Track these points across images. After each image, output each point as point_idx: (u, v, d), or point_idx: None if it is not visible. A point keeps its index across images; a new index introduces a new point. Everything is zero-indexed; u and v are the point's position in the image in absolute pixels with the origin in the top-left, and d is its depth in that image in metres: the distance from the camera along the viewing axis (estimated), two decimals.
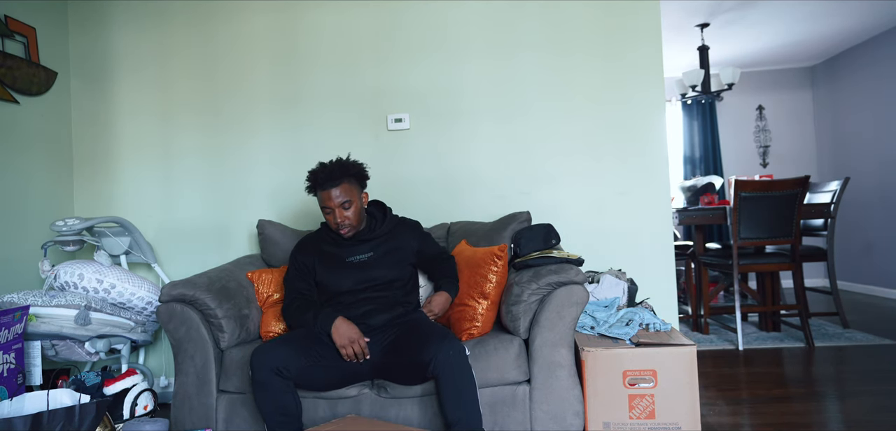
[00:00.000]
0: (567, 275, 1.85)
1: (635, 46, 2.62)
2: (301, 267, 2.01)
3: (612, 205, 2.63)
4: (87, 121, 2.88)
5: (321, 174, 1.90)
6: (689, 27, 4.54)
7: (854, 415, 2.22)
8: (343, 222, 1.91)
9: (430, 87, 2.71)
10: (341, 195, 1.89)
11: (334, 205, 1.89)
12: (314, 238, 2.07)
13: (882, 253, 4.96)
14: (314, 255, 2.01)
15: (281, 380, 1.69)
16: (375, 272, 1.96)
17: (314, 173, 1.93)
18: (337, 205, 1.89)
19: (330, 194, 1.89)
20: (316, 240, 2.05)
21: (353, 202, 1.92)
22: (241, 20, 2.81)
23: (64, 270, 2.21)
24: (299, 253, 2.04)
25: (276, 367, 1.68)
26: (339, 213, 1.90)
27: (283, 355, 1.71)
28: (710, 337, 3.60)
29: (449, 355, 1.65)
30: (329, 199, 1.89)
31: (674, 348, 1.84)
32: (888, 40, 4.84)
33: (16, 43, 2.58)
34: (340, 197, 1.89)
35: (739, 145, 5.89)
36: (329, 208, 1.90)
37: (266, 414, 1.71)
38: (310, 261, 2.00)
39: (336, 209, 1.90)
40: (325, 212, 1.93)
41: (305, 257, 2.01)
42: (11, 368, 1.94)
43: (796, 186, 3.23)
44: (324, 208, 1.92)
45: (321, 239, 2.05)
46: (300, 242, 2.09)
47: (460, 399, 1.66)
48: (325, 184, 1.89)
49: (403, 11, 2.73)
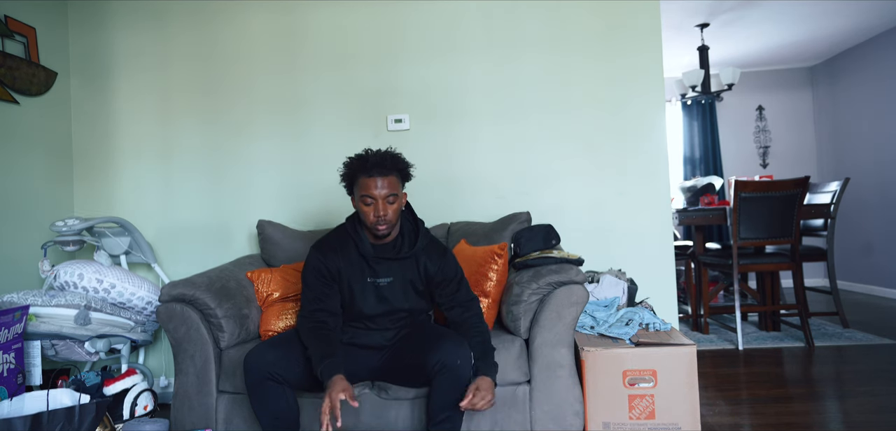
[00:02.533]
0: (567, 275, 1.85)
1: (635, 47, 2.62)
2: (324, 271, 1.79)
3: (612, 205, 2.63)
4: (87, 121, 2.88)
5: (372, 159, 1.70)
6: (689, 27, 4.54)
7: (854, 415, 2.22)
8: (384, 216, 1.71)
9: (430, 87, 2.71)
10: (388, 187, 1.70)
11: (379, 195, 1.69)
12: (338, 242, 1.83)
13: (882, 253, 4.96)
14: (340, 260, 1.80)
15: (275, 384, 1.65)
16: (394, 301, 1.81)
17: (362, 157, 1.72)
18: (382, 197, 1.70)
19: (376, 182, 1.69)
20: (341, 244, 1.82)
21: (397, 198, 1.74)
22: (242, 20, 2.81)
23: (64, 270, 2.21)
24: (322, 255, 1.80)
25: (268, 372, 1.64)
26: (383, 206, 1.70)
27: (276, 358, 1.66)
28: (710, 336, 3.60)
29: (457, 363, 1.62)
30: (374, 188, 1.69)
31: (674, 348, 1.84)
32: (888, 40, 4.84)
33: (16, 43, 2.58)
34: (386, 189, 1.70)
35: (739, 145, 5.89)
36: (371, 199, 1.70)
37: (260, 418, 1.69)
38: (334, 266, 1.79)
39: (380, 201, 1.70)
40: (364, 203, 1.72)
41: (329, 261, 1.79)
42: (11, 368, 1.94)
43: (796, 186, 3.23)
44: (364, 197, 1.71)
45: (346, 243, 1.82)
46: (322, 243, 1.84)
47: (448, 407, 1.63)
48: (373, 171, 1.69)
49: (403, 11, 2.73)
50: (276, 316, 2.09)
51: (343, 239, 1.83)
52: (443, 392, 1.63)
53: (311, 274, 1.80)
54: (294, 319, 2.09)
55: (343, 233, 1.84)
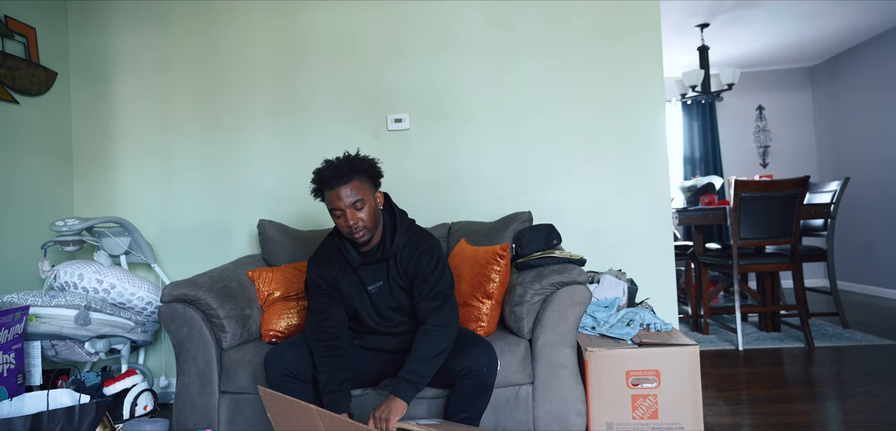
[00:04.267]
0: (570, 275, 1.85)
1: (635, 47, 2.62)
2: (323, 285, 1.76)
3: (612, 205, 2.63)
4: (87, 121, 2.87)
5: (327, 172, 1.64)
6: (689, 27, 4.54)
7: (854, 415, 2.22)
8: (357, 224, 1.63)
9: (430, 87, 2.71)
10: (352, 194, 1.62)
11: (344, 206, 1.62)
12: (331, 253, 1.79)
13: (882, 253, 4.97)
14: (336, 271, 1.77)
15: (296, 382, 1.69)
16: (385, 306, 1.77)
17: (319, 172, 1.66)
18: (348, 206, 1.62)
19: (339, 193, 1.62)
20: (333, 255, 1.78)
21: (366, 201, 1.64)
22: (242, 20, 2.80)
23: (64, 270, 2.20)
24: (319, 268, 1.77)
25: (288, 370, 1.68)
26: (352, 215, 1.63)
27: (295, 357, 1.70)
28: (710, 337, 3.60)
29: (483, 370, 1.63)
30: (338, 200, 1.62)
31: (676, 348, 1.84)
32: (888, 40, 4.85)
33: (16, 43, 2.58)
34: (351, 196, 1.62)
35: (739, 145, 5.90)
36: (339, 210, 1.63)
37: None
38: (331, 277, 1.76)
39: (347, 210, 1.62)
40: (335, 216, 1.66)
41: (326, 273, 1.76)
42: (11, 368, 1.94)
43: (796, 186, 3.23)
44: (333, 211, 1.65)
45: (335, 254, 1.78)
46: (317, 257, 1.80)
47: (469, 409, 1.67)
48: (332, 182, 1.62)
49: (403, 11, 2.73)
50: (278, 316, 2.09)
51: (333, 250, 1.78)
52: (465, 396, 1.66)
53: (312, 289, 1.78)
54: (296, 318, 2.09)
55: (331, 245, 1.79)
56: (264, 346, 1.99)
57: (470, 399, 1.66)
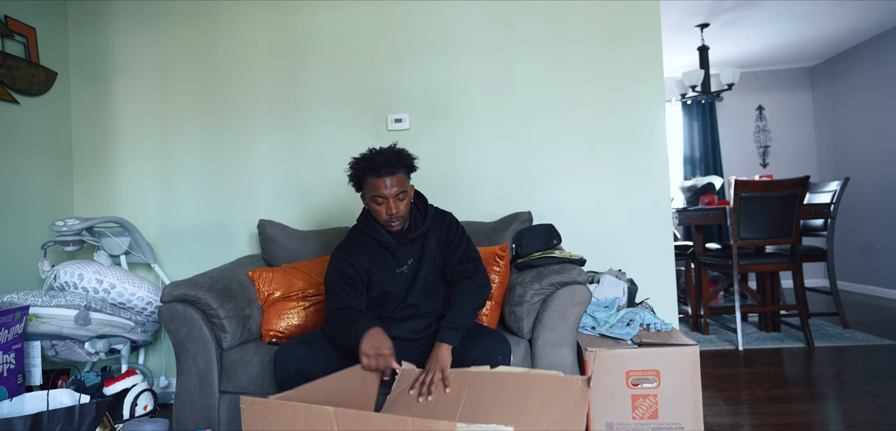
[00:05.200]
0: (570, 275, 1.85)
1: (635, 47, 2.62)
2: (350, 272, 1.79)
3: (612, 205, 2.63)
4: (87, 121, 2.87)
5: (379, 159, 1.70)
6: (689, 27, 4.54)
7: (854, 415, 2.22)
8: (397, 213, 1.73)
9: (430, 87, 2.71)
10: (397, 185, 1.72)
11: (390, 194, 1.71)
12: (360, 241, 1.85)
13: (882, 253, 4.97)
14: (366, 258, 1.82)
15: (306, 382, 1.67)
16: (418, 284, 1.83)
17: (369, 158, 1.72)
18: (393, 195, 1.71)
19: (386, 182, 1.70)
20: (362, 243, 1.84)
21: (408, 193, 1.76)
22: (241, 20, 2.80)
23: (64, 270, 2.20)
24: (349, 256, 1.81)
25: (297, 368, 1.68)
26: (394, 204, 1.72)
27: (304, 354, 1.70)
28: (710, 337, 3.60)
29: (497, 359, 1.64)
30: (384, 188, 1.70)
31: (677, 348, 1.84)
32: (888, 40, 4.85)
33: (16, 43, 2.58)
34: (396, 186, 1.71)
35: (739, 145, 5.90)
36: (382, 198, 1.71)
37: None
38: (361, 265, 1.81)
39: (391, 199, 1.72)
40: (375, 203, 1.73)
41: (356, 260, 1.80)
42: (11, 368, 1.94)
43: (796, 186, 3.23)
44: (375, 198, 1.72)
45: (367, 242, 1.84)
46: (346, 244, 1.85)
47: None
48: (381, 171, 1.69)
49: (403, 11, 2.73)
50: (278, 316, 2.09)
51: (363, 237, 1.85)
52: None
53: (335, 277, 1.79)
54: (296, 318, 2.09)
55: (361, 233, 1.86)
56: (265, 346, 1.99)
57: None
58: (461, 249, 1.86)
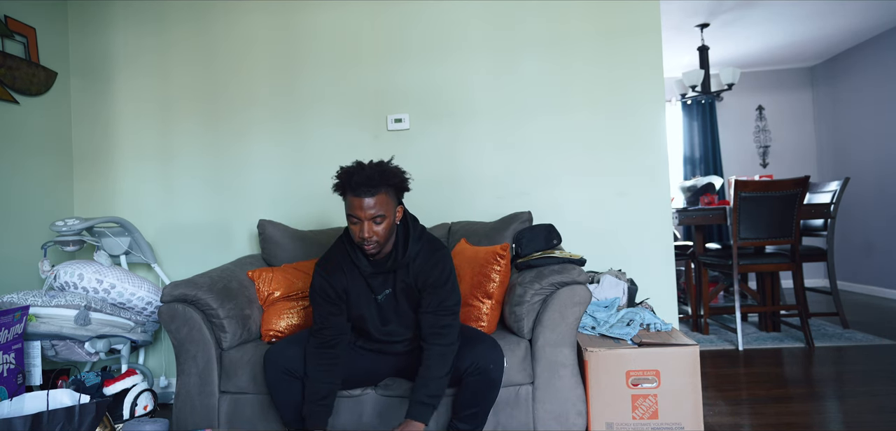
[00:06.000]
0: (570, 275, 1.85)
1: (635, 47, 2.62)
2: (330, 292, 1.71)
3: (612, 205, 2.63)
4: (87, 121, 2.87)
5: (357, 176, 1.54)
6: (689, 27, 4.54)
7: (854, 415, 2.22)
8: (370, 237, 1.58)
9: (430, 87, 2.71)
10: (376, 207, 1.55)
11: (365, 216, 1.55)
12: (340, 259, 1.74)
13: (882, 253, 4.97)
14: (345, 279, 1.73)
15: (293, 380, 1.71)
16: (392, 316, 1.75)
17: (348, 172, 1.57)
18: (368, 218, 1.55)
19: (362, 203, 1.54)
20: (342, 262, 1.73)
21: (387, 217, 1.58)
22: (241, 20, 2.80)
23: (64, 270, 2.20)
24: (328, 275, 1.72)
25: (286, 368, 1.70)
26: (368, 227, 1.56)
27: (294, 355, 1.72)
28: (710, 337, 3.60)
29: (489, 366, 1.63)
30: (360, 209, 1.55)
31: (677, 348, 1.84)
32: (888, 40, 4.85)
33: (16, 43, 2.57)
34: (374, 208, 1.55)
35: (739, 145, 5.90)
36: (357, 219, 1.56)
37: (281, 411, 1.76)
38: (339, 285, 1.72)
39: (366, 222, 1.56)
40: (350, 221, 1.59)
41: (335, 281, 1.71)
42: (11, 368, 1.94)
43: (796, 186, 3.23)
44: (349, 216, 1.58)
45: (346, 260, 1.73)
46: (326, 262, 1.75)
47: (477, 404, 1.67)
48: (359, 190, 1.54)
49: (403, 11, 2.73)
50: (278, 316, 2.09)
51: (343, 256, 1.74)
52: (473, 392, 1.66)
53: (317, 295, 1.73)
54: (296, 318, 2.09)
55: (342, 250, 1.74)
56: (264, 346, 1.99)
57: (477, 395, 1.66)
58: (441, 295, 1.67)
